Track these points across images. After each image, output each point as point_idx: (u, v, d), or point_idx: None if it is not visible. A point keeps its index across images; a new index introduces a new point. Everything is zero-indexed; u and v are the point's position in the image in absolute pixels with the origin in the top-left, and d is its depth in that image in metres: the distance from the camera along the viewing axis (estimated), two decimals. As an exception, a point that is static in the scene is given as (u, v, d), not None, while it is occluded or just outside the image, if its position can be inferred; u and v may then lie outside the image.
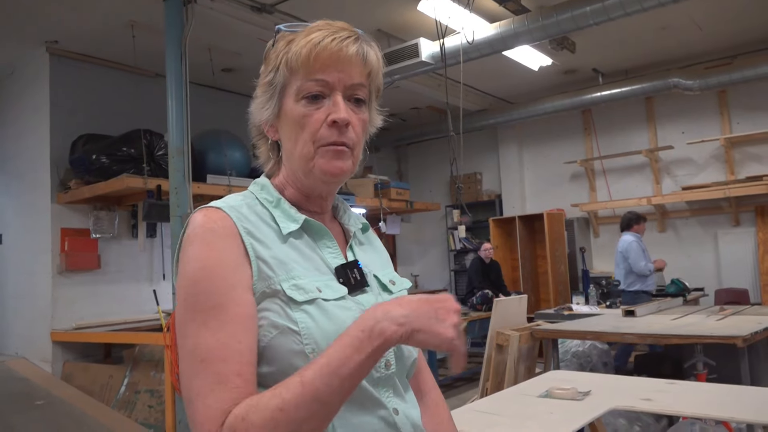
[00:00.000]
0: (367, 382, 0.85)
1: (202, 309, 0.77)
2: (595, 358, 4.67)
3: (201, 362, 0.75)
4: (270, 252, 0.83)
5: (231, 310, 0.77)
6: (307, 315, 0.81)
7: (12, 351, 5.74)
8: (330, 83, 0.86)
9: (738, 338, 3.14)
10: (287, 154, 0.92)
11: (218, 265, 0.79)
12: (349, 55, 0.86)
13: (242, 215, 0.85)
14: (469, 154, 7.94)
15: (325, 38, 0.85)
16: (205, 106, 5.73)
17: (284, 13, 4.98)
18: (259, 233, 0.84)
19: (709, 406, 2.11)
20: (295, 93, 0.87)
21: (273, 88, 0.90)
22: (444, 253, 9.28)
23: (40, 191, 5.46)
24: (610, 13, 4.65)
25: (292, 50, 0.86)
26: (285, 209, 0.90)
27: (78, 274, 5.42)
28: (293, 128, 0.88)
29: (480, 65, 5.98)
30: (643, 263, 5.68)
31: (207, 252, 0.79)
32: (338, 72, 0.86)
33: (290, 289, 0.81)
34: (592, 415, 2.05)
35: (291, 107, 0.88)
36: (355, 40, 0.88)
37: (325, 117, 0.86)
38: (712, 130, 6.94)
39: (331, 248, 0.92)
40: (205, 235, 0.81)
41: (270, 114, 0.91)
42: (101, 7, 4.73)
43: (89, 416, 4.14)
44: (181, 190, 4.26)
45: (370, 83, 0.92)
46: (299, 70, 0.86)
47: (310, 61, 0.85)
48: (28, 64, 5.65)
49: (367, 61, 0.89)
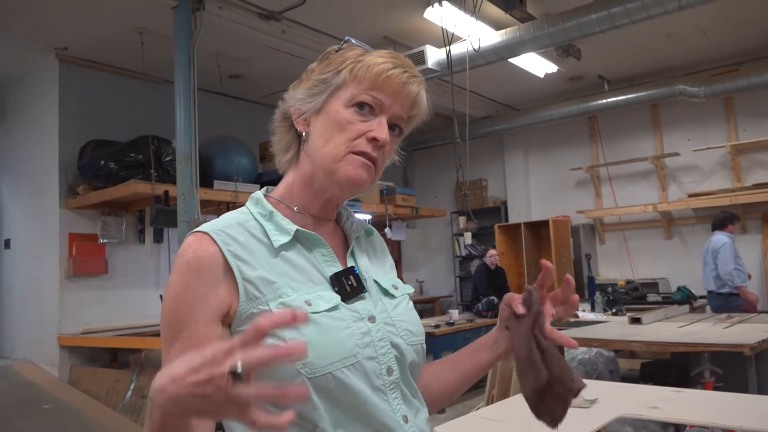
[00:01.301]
0: (371, 390, 0.84)
1: (167, 338, 0.83)
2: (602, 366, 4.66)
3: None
4: (257, 272, 0.85)
5: (186, 344, 0.80)
6: (294, 332, 0.81)
7: (19, 355, 5.77)
8: (384, 105, 0.91)
9: (745, 346, 3.13)
10: (313, 149, 0.92)
11: (184, 300, 0.82)
12: (410, 92, 0.92)
13: (230, 237, 0.86)
14: (475, 160, 7.95)
15: (397, 67, 0.90)
16: (212, 113, 5.77)
17: (292, 21, 5.01)
18: (246, 254, 0.86)
19: (716, 414, 2.11)
20: (348, 99, 0.90)
21: (326, 86, 0.92)
22: (449, 259, 9.27)
23: (48, 196, 5.50)
24: (615, 21, 4.66)
25: (363, 63, 0.90)
26: (277, 222, 0.91)
27: (85, 279, 5.45)
28: (331, 128, 0.91)
29: (486, 72, 6.00)
30: (731, 267, 5.35)
31: (179, 285, 0.83)
32: (395, 101, 0.91)
33: (277, 309, 0.83)
34: (599, 423, 2.05)
35: (337, 109, 0.91)
36: (420, 83, 0.94)
37: (366, 130, 0.89)
38: (718, 137, 6.92)
39: (327, 257, 0.92)
40: (182, 266, 0.84)
41: (312, 108, 0.93)
42: (110, 14, 4.77)
43: (95, 421, 4.15)
44: (188, 196, 4.29)
45: (408, 124, 0.97)
46: (363, 82, 0.90)
47: (379, 79, 0.89)
48: (37, 70, 5.70)
49: (419, 106, 0.96)
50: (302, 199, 0.95)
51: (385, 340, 0.89)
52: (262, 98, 6.83)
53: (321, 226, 0.96)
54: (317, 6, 4.74)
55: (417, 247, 9.43)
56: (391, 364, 0.88)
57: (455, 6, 4.84)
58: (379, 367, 0.87)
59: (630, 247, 7.61)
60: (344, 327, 0.84)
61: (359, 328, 0.86)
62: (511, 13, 5.05)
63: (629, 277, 7.31)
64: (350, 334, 0.84)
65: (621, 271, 7.58)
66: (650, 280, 7.11)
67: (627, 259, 7.60)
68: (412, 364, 0.93)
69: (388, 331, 0.90)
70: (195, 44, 4.40)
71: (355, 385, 0.83)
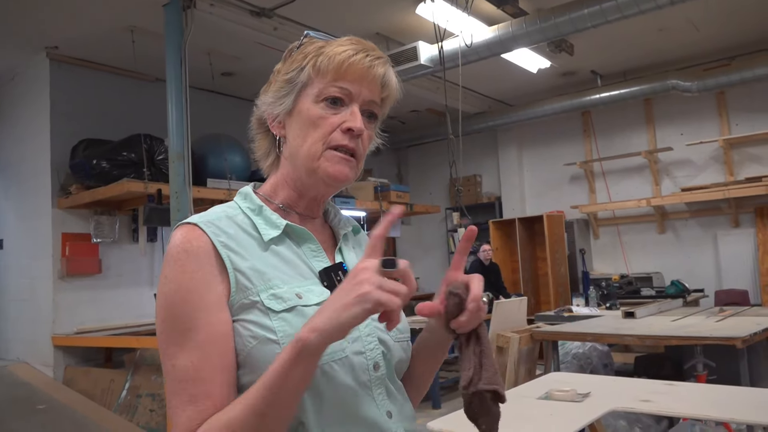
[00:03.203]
0: (357, 386, 0.85)
1: (176, 331, 0.80)
2: (596, 360, 4.68)
3: (178, 382, 0.79)
4: (248, 263, 0.85)
5: (202, 332, 0.79)
6: (286, 323, 0.82)
7: (13, 355, 5.75)
8: (352, 94, 0.90)
9: (737, 339, 3.15)
10: (292, 151, 0.93)
11: (190, 289, 0.81)
12: (376, 75, 0.91)
13: (219, 229, 0.86)
14: (469, 156, 7.97)
15: (359, 53, 0.89)
16: (205, 111, 5.75)
17: (284, 18, 5.00)
18: (236, 245, 0.85)
19: (709, 407, 2.12)
20: (316, 95, 0.90)
21: (292, 85, 0.92)
22: (444, 255, 9.28)
23: (40, 196, 5.47)
24: (607, 16, 4.67)
25: (324, 55, 0.89)
26: (266, 216, 0.91)
27: (79, 279, 5.44)
28: (305, 127, 0.90)
29: (479, 68, 6.00)
30: None
31: (180, 275, 0.81)
32: (362, 86, 0.90)
33: (268, 299, 0.83)
34: (592, 417, 2.06)
35: (308, 107, 0.90)
36: (384, 63, 0.92)
37: (339, 123, 0.89)
38: (711, 132, 6.95)
39: (315, 252, 0.93)
40: (179, 255, 0.82)
41: (283, 110, 0.93)
42: (101, 13, 4.75)
43: (91, 420, 4.14)
44: (181, 195, 4.28)
45: (382, 106, 0.95)
46: (327, 75, 0.89)
47: (341, 69, 0.88)
48: (28, 69, 5.67)
49: (388, 86, 0.94)
50: (288, 198, 0.95)
51: (372, 336, 0.89)
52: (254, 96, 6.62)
53: (308, 223, 0.96)
54: (309, 2, 4.72)
55: (412, 244, 9.44)
56: (378, 359, 0.89)
57: (447, 2, 4.84)
58: (366, 363, 0.87)
59: (624, 241, 7.64)
60: None
61: None
62: (503, 9, 5.06)
63: (623, 271, 7.34)
64: None
65: (615, 266, 7.60)
66: (644, 274, 7.14)
67: (621, 253, 7.63)
68: (398, 360, 0.94)
69: (375, 326, 0.90)
70: (186, 42, 4.38)
71: (342, 379, 0.83)
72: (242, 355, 0.82)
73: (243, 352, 0.82)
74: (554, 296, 7.17)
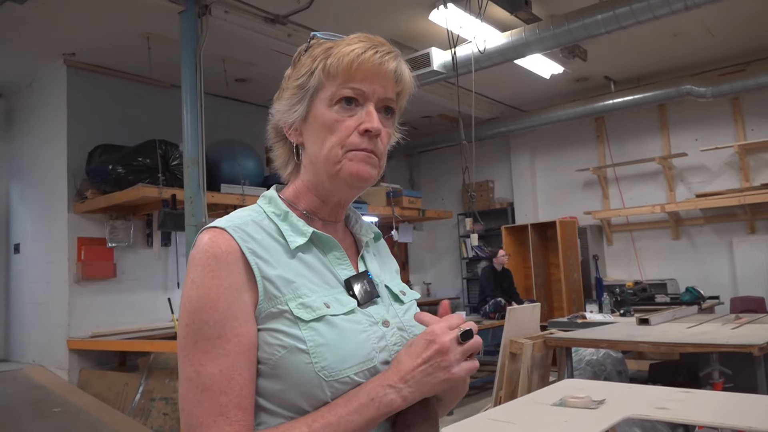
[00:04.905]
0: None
1: (204, 338, 0.78)
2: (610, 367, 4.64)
3: (203, 391, 0.77)
4: (276, 271, 0.83)
5: (233, 341, 0.78)
6: (316, 332, 0.80)
7: (29, 359, 5.81)
8: (366, 93, 0.88)
9: (754, 347, 3.11)
10: (311, 158, 0.91)
11: (220, 295, 0.79)
12: (388, 70, 0.88)
13: (247, 234, 0.84)
14: (481, 162, 7.96)
15: (367, 50, 0.87)
16: (219, 116, 5.80)
17: (297, 24, 5.04)
18: (264, 252, 0.84)
19: (725, 415, 2.10)
20: (329, 98, 0.88)
21: (304, 91, 0.90)
22: (456, 261, 9.26)
23: (57, 201, 5.54)
24: (621, 22, 4.65)
25: (332, 56, 0.87)
26: (292, 222, 0.89)
27: (94, 283, 5.49)
28: (321, 132, 0.88)
29: (492, 74, 6.00)
30: None
31: (210, 280, 0.79)
32: (375, 84, 0.88)
33: (297, 309, 0.81)
34: (606, 424, 2.05)
35: (322, 111, 0.88)
36: (395, 57, 0.89)
37: (356, 125, 0.87)
38: (726, 137, 6.89)
39: (341, 260, 0.91)
40: (209, 261, 0.80)
41: (298, 117, 0.91)
42: (117, 20, 4.81)
43: (105, 424, 4.17)
44: (195, 200, 4.32)
45: (398, 101, 0.93)
46: (338, 77, 0.87)
47: (351, 69, 0.86)
48: (45, 75, 5.75)
49: (402, 80, 0.91)
50: (311, 204, 0.94)
51: (399, 345, 0.88)
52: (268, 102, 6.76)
53: (330, 228, 0.95)
54: (323, 9, 4.76)
55: (424, 249, 9.44)
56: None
57: (460, 8, 4.85)
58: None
59: (638, 247, 7.58)
60: (361, 331, 0.84)
61: (375, 332, 0.86)
62: (517, 15, 5.05)
63: (637, 278, 7.28)
64: (367, 338, 0.84)
65: (629, 272, 7.55)
66: (658, 281, 7.08)
67: (635, 259, 7.57)
68: None
69: (401, 335, 0.90)
70: (201, 48, 4.43)
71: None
72: (269, 365, 0.80)
73: (270, 362, 0.80)
74: (567, 303, 7.12)
